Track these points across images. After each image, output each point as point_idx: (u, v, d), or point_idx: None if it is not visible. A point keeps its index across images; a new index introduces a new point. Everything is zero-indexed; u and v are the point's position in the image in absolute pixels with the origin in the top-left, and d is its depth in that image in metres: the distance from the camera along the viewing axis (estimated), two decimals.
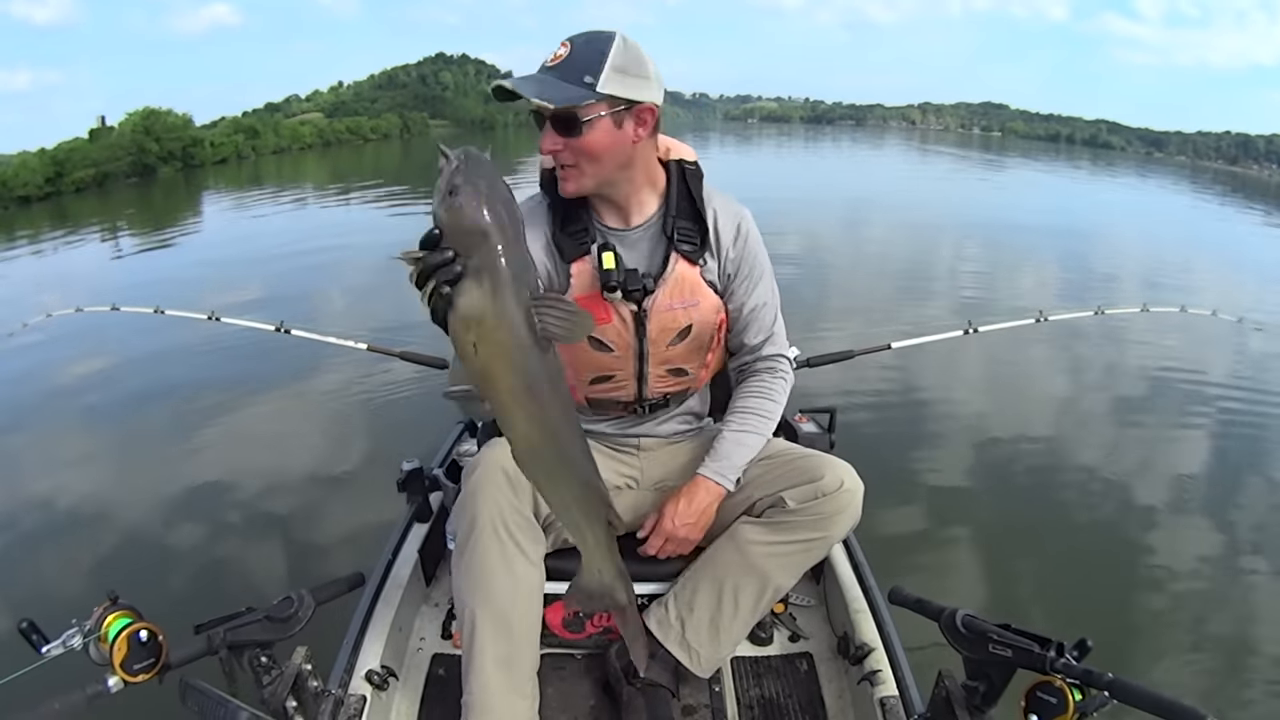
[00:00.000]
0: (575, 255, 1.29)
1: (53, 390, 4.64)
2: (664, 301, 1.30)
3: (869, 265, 8.24)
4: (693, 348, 1.36)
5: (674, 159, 1.33)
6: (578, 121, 1.14)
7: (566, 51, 1.14)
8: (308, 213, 14.31)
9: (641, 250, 1.31)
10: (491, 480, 1.20)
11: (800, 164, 28.11)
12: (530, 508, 1.24)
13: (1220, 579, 2.82)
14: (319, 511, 2.94)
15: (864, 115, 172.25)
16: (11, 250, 12.52)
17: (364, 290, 6.87)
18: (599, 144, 1.17)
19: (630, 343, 1.32)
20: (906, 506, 3.11)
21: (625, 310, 1.29)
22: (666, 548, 1.35)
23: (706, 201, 1.33)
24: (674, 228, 1.30)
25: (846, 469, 1.29)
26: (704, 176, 1.35)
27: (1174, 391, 4.67)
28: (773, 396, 1.40)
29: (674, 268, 1.30)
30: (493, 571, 1.19)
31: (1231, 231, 16.05)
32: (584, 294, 1.28)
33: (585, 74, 1.13)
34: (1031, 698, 0.89)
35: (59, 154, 26.50)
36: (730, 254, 1.34)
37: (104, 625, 0.90)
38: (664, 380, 1.38)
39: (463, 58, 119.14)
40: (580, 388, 1.39)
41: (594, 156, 1.18)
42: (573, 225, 1.30)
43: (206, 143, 35.26)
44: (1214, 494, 3.43)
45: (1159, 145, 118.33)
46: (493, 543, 1.19)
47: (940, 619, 1.03)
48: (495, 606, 1.19)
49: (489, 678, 1.18)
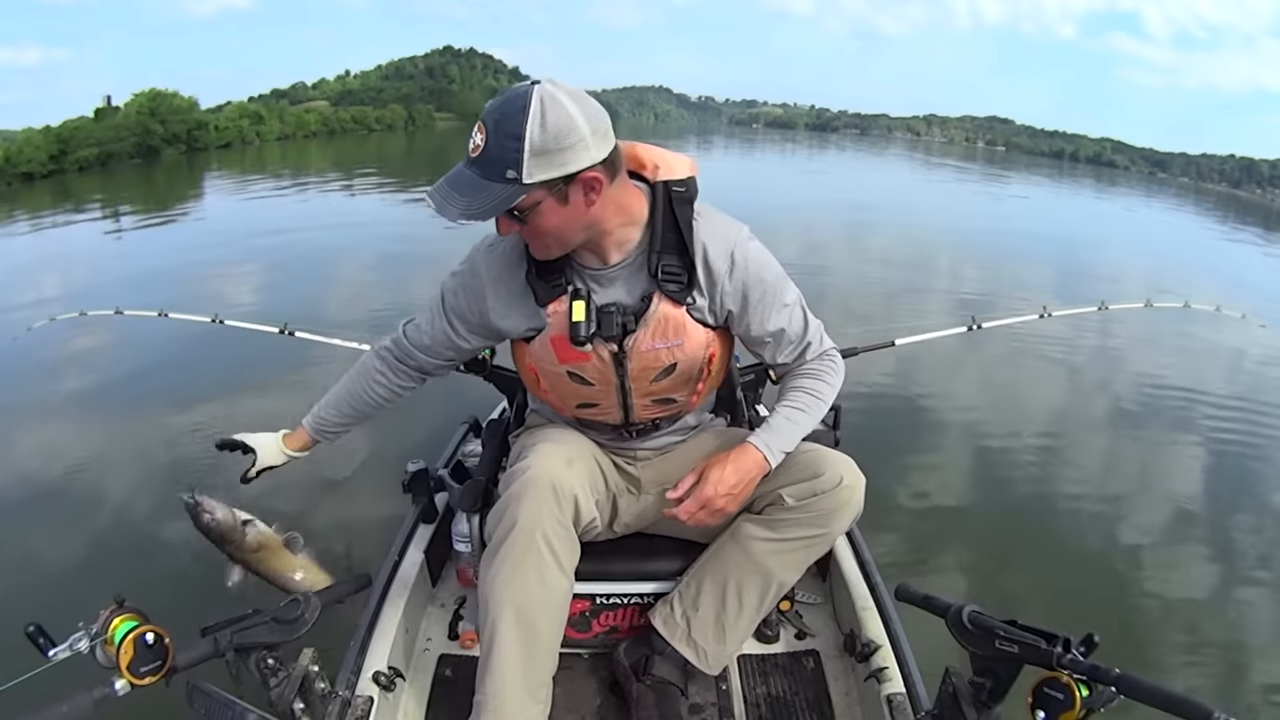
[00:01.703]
0: (550, 298, 1.22)
1: (56, 394, 4.64)
2: (645, 342, 1.23)
3: (872, 264, 8.23)
4: (679, 381, 1.31)
5: (662, 180, 1.21)
6: (520, 211, 1.08)
7: (483, 141, 1.05)
8: (308, 199, 14.31)
9: (621, 287, 1.24)
10: (539, 488, 1.20)
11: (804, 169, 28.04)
12: (572, 518, 1.24)
13: (1228, 574, 2.81)
14: (325, 513, 2.94)
15: (869, 124, 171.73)
16: (12, 226, 12.54)
17: (365, 286, 6.88)
18: (549, 224, 1.10)
19: (611, 379, 1.28)
20: (912, 503, 3.10)
21: (604, 350, 1.24)
22: (699, 515, 1.24)
23: (695, 232, 1.21)
24: (658, 265, 1.21)
25: (847, 464, 1.29)
26: (697, 195, 1.23)
27: (1179, 388, 4.66)
28: (824, 378, 1.35)
29: (656, 308, 1.22)
30: (526, 578, 1.19)
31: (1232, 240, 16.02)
32: (560, 335, 1.23)
33: (506, 169, 1.03)
34: (1038, 693, 0.89)
35: (64, 132, 26.53)
36: (726, 288, 1.23)
37: (110, 628, 0.90)
38: (651, 409, 1.36)
39: (470, 52, 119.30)
40: (567, 410, 1.39)
41: (551, 233, 1.12)
42: (547, 269, 1.23)
43: (211, 126, 35.26)
44: (1221, 490, 3.42)
45: (1163, 166, 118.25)
46: (530, 550, 1.19)
47: (947, 615, 1.02)
48: (524, 611, 1.19)
49: (506, 679, 1.18)
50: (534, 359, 1.30)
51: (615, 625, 1.49)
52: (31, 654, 0.87)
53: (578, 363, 1.26)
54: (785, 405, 1.32)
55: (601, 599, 1.46)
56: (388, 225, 10.73)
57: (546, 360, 1.28)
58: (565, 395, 1.34)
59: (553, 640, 1.24)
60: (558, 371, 1.29)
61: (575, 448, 1.35)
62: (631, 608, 1.47)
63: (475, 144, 1.06)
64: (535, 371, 1.32)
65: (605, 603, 1.47)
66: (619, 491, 1.44)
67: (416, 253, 8.54)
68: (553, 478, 1.21)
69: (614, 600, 1.47)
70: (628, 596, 1.46)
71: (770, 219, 7.48)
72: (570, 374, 1.28)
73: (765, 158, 36.05)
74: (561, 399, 1.36)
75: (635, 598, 1.46)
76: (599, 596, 1.46)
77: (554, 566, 1.21)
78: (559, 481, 1.21)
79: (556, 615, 1.25)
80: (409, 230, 10.08)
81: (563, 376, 1.29)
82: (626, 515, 1.44)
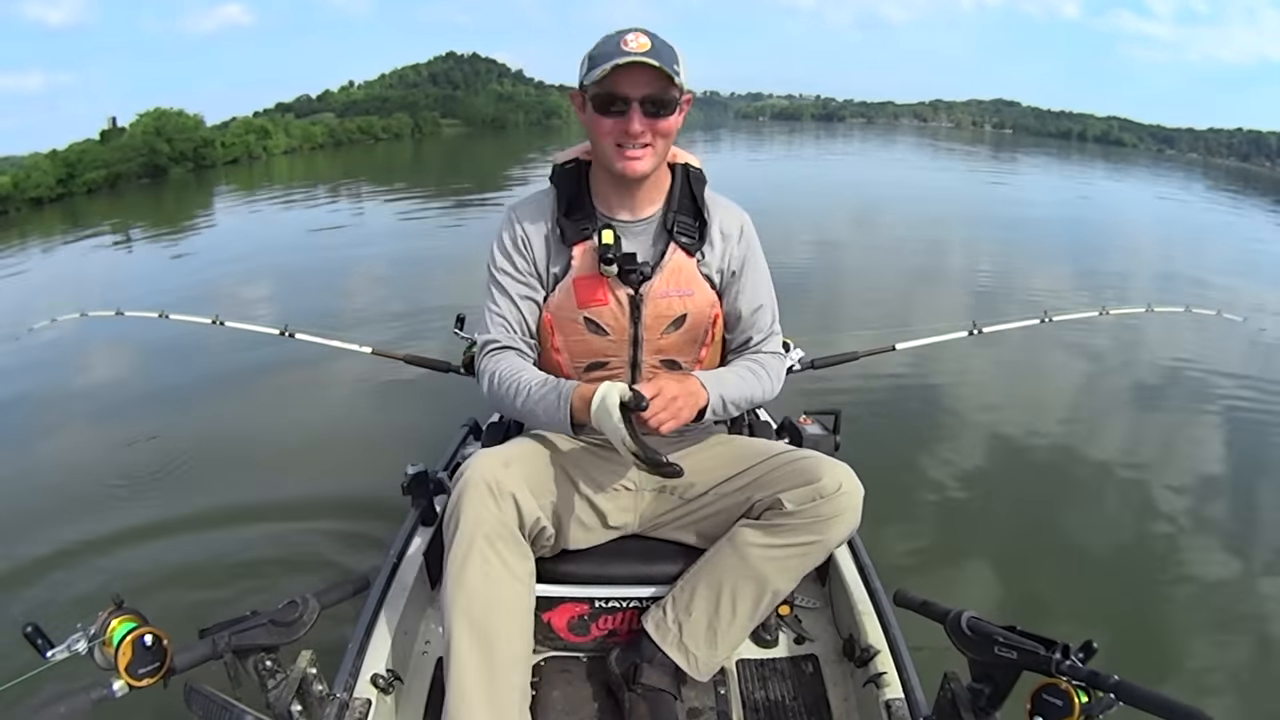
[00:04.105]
0: (577, 239, 1.35)
1: (56, 395, 4.66)
2: (660, 288, 1.35)
3: (873, 267, 8.21)
4: (686, 339, 1.39)
5: (680, 163, 1.41)
6: (674, 105, 1.26)
7: (649, 41, 1.22)
8: (317, 213, 14.35)
9: (642, 242, 1.38)
10: (475, 490, 1.19)
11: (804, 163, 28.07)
12: (515, 520, 1.22)
13: (1227, 581, 2.80)
14: (323, 515, 2.94)
15: (875, 113, 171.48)
16: (24, 251, 12.60)
17: (369, 292, 6.90)
18: (675, 127, 1.29)
19: (625, 327, 1.36)
20: (911, 508, 3.09)
21: (622, 294, 1.34)
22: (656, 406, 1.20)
23: (709, 203, 1.40)
24: (674, 222, 1.37)
25: (846, 471, 1.29)
26: (707, 182, 1.42)
27: (1179, 393, 4.65)
28: (767, 366, 1.46)
29: (671, 256, 1.36)
30: (475, 587, 1.16)
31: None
32: (584, 274, 1.35)
33: (673, 63, 1.22)
34: (1037, 700, 0.89)
35: (70, 155, 26.56)
36: (733, 251, 1.41)
37: (109, 630, 0.90)
38: (657, 371, 1.39)
39: (474, 57, 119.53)
40: (576, 374, 1.40)
41: (668, 137, 1.29)
42: (577, 213, 1.37)
43: (218, 143, 35.20)
44: (1221, 496, 3.41)
45: (1170, 142, 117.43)
46: (472, 553, 1.17)
47: (946, 621, 1.03)
48: (476, 622, 1.15)
49: (466, 690, 1.14)
50: (552, 310, 1.38)
51: (614, 629, 1.48)
52: (30, 655, 0.87)
53: (597, 306, 1.34)
54: (731, 368, 1.43)
55: (600, 602, 1.46)
56: (396, 234, 10.76)
57: (565, 307, 1.36)
58: (577, 352, 1.39)
59: (515, 652, 1.20)
60: (574, 319, 1.36)
61: (520, 449, 1.34)
62: (630, 611, 1.47)
63: (641, 43, 1.22)
64: (551, 325, 1.39)
65: (604, 606, 1.46)
66: (613, 488, 1.43)
67: (423, 260, 8.59)
68: (486, 476, 1.20)
69: (612, 604, 1.46)
70: (626, 600, 1.46)
71: (773, 221, 7.52)
72: (587, 321, 1.35)
73: (772, 150, 36.03)
74: (573, 358, 1.40)
75: (634, 602, 1.46)
76: (597, 600, 1.46)
77: (504, 574, 1.18)
78: (494, 481, 1.20)
79: (515, 625, 1.20)
80: (416, 239, 10.14)
81: (579, 325, 1.36)
82: (622, 515, 1.44)
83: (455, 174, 24.27)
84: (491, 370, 1.37)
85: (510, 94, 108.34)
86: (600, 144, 1.31)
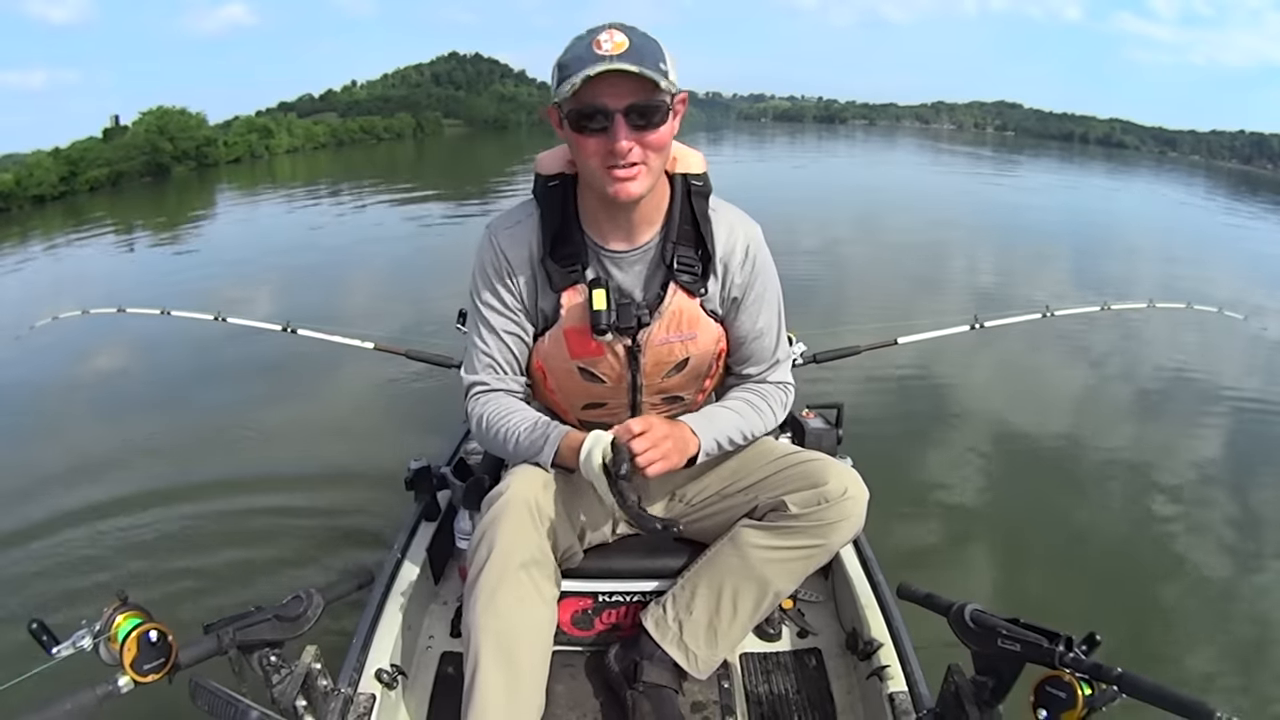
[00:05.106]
0: (565, 285, 1.22)
1: (58, 392, 4.67)
2: (659, 335, 1.24)
3: (875, 262, 8.21)
4: (689, 377, 1.32)
5: (679, 172, 1.25)
6: (662, 111, 1.07)
7: (624, 39, 1.03)
8: (318, 209, 14.36)
9: (638, 275, 1.25)
10: (515, 513, 1.17)
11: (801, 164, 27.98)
12: (550, 544, 1.21)
13: (1229, 574, 2.80)
14: (327, 511, 2.95)
15: (877, 115, 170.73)
16: (26, 249, 12.59)
17: (372, 288, 6.90)
18: (668, 136, 1.11)
19: (623, 375, 1.28)
20: (914, 502, 3.10)
21: (618, 344, 1.24)
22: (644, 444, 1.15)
23: (713, 223, 1.24)
24: (674, 255, 1.22)
25: (852, 475, 1.27)
26: (711, 191, 1.27)
27: (1181, 389, 4.65)
28: (768, 397, 1.37)
29: (671, 299, 1.23)
30: (504, 606, 1.14)
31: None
32: (574, 326, 1.22)
33: (658, 62, 1.04)
34: (1040, 692, 0.89)
35: (73, 153, 26.46)
36: (736, 278, 1.26)
37: (114, 626, 0.90)
38: (658, 408, 1.35)
39: (476, 57, 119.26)
40: (571, 412, 1.37)
41: (661, 150, 1.12)
42: (564, 246, 1.21)
43: (220, 142, 35.17)
44: (1223, 491, 3.41)
45: (1173, 145, 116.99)
46: (507, 577, 1.15)
47: (949, 614, 1.02)
48: (503, 641, 1.14)
49: (489, 711, 1.11)
50: (542, 356, 1.29)
51: (617, 623, 1.48)
52: (35, 651, 0.87)
53: (591, 358, 1.24)
54: (730, 402, 1.34)
55: (604, 596, 1.46)
56: (398, 232, 10.76)
57: (557, 357, 1.27)
58: (573, 395, 1.33)
59: (536, 672, 1.18)
60: (568, 368, 1.27)
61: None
62: (633, 606, 1.47)
63: (617, 41, 1.03)
64: (543, 370, 1.31)
65: (607, 600, 1.46)
66: None
67: (426, 256, 8.59)
68: (528, 498, 1.17)
69: (616, 598, 1.46)
70: (630, 595, 1.46)
71: (773, 221, 7.44)
72: (581, 370, 1.27)
73: (777, 152, 35.91)
74: (568, 399, 1.34)
75: (638, 596, 1.46)
76: (601, 594, 1.46)
77: (534, 595, 1.17)
78: (535, 504, 1.18)
79: (538, 646, 1.19)
80: (418, 236, 10.14)
81: (573, 374, 1.28)
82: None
83: (457, 173, 24.25)
84: (479, 414, 1.30)
85: (513, 94, 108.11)
86: (586, 164, 1.13)
